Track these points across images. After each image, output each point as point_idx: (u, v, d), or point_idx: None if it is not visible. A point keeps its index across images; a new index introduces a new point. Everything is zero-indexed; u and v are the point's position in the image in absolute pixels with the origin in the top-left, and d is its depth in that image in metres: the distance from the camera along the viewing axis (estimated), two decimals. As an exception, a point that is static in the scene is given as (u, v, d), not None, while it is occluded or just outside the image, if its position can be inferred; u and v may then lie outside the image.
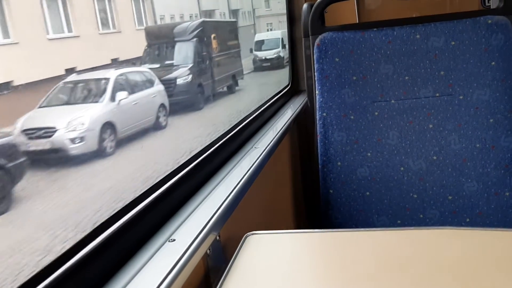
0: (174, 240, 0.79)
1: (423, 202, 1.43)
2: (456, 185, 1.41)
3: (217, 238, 0.88)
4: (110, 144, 6.05)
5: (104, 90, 6.55)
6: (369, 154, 1.45)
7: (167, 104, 7.70)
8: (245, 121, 1.45)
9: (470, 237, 0.83)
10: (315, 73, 1.49)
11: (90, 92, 6.82)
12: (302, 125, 1.79)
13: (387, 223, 1.45)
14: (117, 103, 6.51)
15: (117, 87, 6.70)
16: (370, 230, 0.90)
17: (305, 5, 1.66)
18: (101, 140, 5.90)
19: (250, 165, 1.13)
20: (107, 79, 6.72)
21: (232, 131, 1.32)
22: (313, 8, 1.54)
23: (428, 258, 0.76)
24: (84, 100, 6.61)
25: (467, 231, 0.87)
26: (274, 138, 1.38)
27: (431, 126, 1.42)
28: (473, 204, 1.41)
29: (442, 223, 1.42)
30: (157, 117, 7.38)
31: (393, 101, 1.44)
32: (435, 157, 1.42)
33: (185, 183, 0.97)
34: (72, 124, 5.61)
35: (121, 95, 6.63)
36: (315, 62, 1.48)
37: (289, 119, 1.63)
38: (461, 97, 1.40)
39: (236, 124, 1.40)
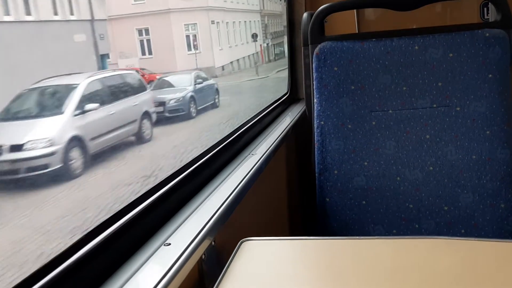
0: (169, 244, 0.79)
1: (418, 212, 1.44)
2: (451, 196, 1.42)
3: (213, 243, 0.88)
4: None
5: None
6: (366, 163, 1.45)
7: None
8: (243, 127, 1.46)
9: (464, 247, 0.84)
10: (314, 82, 1.50)
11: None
12: (300, 133, 1.79)
13: (382, 232, 1.45)
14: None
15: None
16: (365, 239, 0.91)
17: (305, 14, 1.67)
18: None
19: (247, 172, 1.14)
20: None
21: (230, 138, 1.32)
22: (313, 17, 1.55)
23: (422, 268, 0.77)
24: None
25: (461, 241, 0.87)
26: (271, 145, 1.38)
27: (428, 136, 1.43)
28: (468, 215, 1.41)
29: (437, 233, 1.42)
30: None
31: (390, 111, 1.45)
32: (431, 168, 1.43)
33: (182, 188, 0.98)
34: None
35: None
36: (313, 71, 1.49)
37: (287, 126, 1.64)
38: (458, 108, 1.41)
39: (234, 130, 1.41)
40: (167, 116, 10.00)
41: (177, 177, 0.99)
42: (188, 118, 10.39)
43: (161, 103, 9.90)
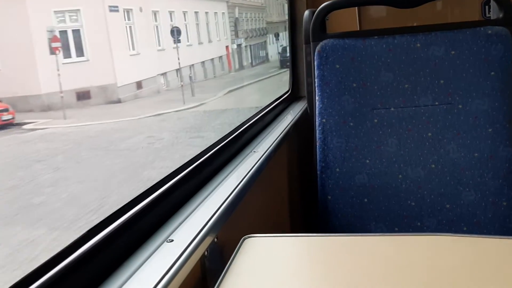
0: (172, 240, 0.79)
1: (421, 210, 1.44)
2: (454, 194, 1.42)
3: (215, 240, 0.88)
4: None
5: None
6: (367, 161, 1.45)
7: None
8: (245, 125, 1.46)
9: (467, 244, 0.84)
10: (316, 80, 1.50)
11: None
12: (301, 130, 1.79)
13: (384, 230, 1.45)
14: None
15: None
16: (368, 235, 0.90)
17: (306, 12, 1.67)
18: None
19: (249, 169, 1.13)
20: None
21: (232, 135, 1.32)
22: (314, 15, 1.55)
23: (425, 265, 0.77)
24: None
25: (464, 238, 0.87)
26: (273, 142, 1.38)
27: (430, 134, 1.43)
28: (470, 213, 1.41)
29: (439, 231, 1.42)
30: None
31: (392, 109, 1.45)
32: (433, 166, 1.42)
33: (184, 184, 0.98)
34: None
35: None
36: (315, 69, 1.49)
37: (288, 124, 1.64)
38: (460, 106, 1.41)
39: (236, 128, 1.41)
40: None
41: (179, 174, 0.98)
42: None
43: None
